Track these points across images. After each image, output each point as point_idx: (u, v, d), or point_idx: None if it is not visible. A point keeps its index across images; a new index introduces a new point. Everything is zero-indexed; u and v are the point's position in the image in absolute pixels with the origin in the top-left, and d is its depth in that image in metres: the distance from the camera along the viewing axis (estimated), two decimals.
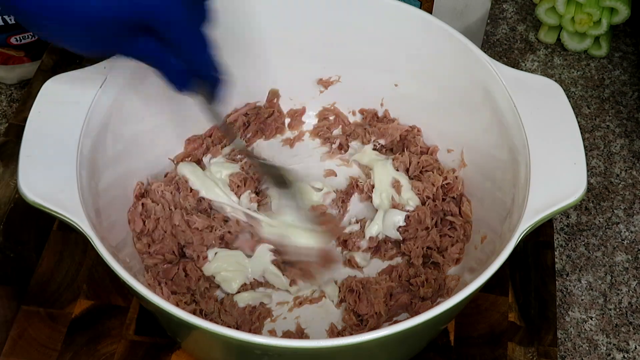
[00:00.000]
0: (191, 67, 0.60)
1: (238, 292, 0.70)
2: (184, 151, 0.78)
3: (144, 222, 0.71)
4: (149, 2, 0.54)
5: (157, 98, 0.73)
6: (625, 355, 0.73)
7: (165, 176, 0.76)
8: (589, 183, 0.81)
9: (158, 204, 0.72)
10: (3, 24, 0.84)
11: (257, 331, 0.68)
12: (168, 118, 0.76)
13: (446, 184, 0.75)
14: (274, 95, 0.82)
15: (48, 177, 0.60)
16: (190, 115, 0.78)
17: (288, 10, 0.76)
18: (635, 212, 0.83)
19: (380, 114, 0.81)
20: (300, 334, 0.69)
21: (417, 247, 0.72)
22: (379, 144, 0.80)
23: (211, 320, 0.66)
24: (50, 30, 0.55)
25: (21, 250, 0.73)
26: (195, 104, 0.65)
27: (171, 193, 0.73)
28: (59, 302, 0.70)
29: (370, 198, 0.76)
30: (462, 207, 0.73)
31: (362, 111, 0.82)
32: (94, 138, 0.65)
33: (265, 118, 0.81)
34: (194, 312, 0.67)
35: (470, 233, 0.72)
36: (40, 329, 0.69)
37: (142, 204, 0.72)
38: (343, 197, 0.77)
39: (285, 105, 0.83)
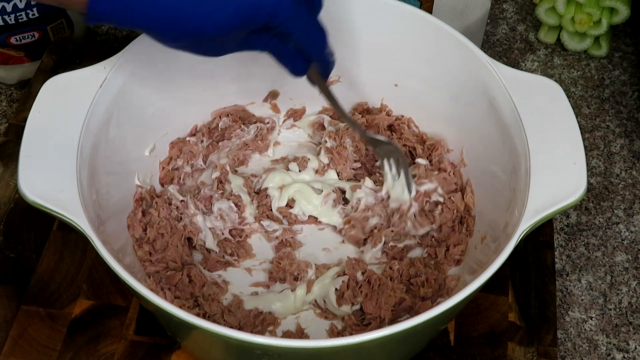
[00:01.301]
0: (309, 54, 0.65)
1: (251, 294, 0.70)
2: (168, 155, 0.77)
3: (144, 230, 0.71)
4: (268, 7, 0.58)
5: (157, 98, 0.73)
6: (625, 355, 0.73)
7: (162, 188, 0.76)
8: (589, 183, 0.81)
9: (160, 218, 0.72)
10: (3, 24, 0.84)
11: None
12: (168, 117, 0.76)
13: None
14: (274, 95, 0.82)
15: (48, 177, 0.60)
16: (188, 116, 0.79)
17: None
18: (635, 212, 0.83)
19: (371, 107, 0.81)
20: (300, 334, 0.69)
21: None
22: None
23: (213, 321, 0.66)
24: (186, 46, 0.60)
25: (21, 250, 0.73)
26: (312, 83, 0.68)
27: (170, 212, 0.73)
28: (59, 302, 0.70)
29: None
30: (466, 197, 0.73)
31: (355, 107, 0.82)
32: (94, 138, 0.65)
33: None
34: (197, 315, 0.67)
35: (473, 229, 0.72)
36: (40, 329, 0.69)
37: (142, 211, 0.72)
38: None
39: (285, 105, 0.82)
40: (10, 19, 0.84)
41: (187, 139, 0.78)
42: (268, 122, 0.81)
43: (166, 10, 0.56)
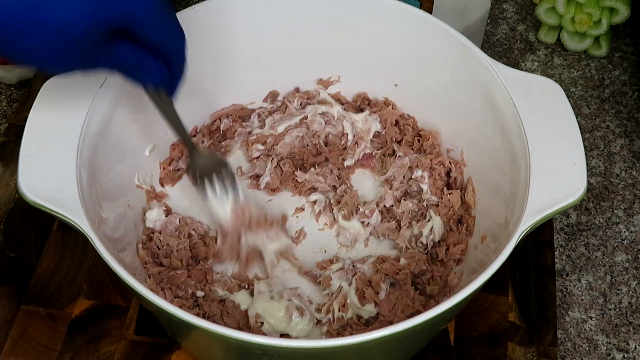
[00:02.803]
0: (168, 61, 0.59)
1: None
2: (169, 156, 0.77)
3: (150, 238, 0.72)
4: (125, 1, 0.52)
5: None
6: (625, 355, 0.73)
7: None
8: (589, 183, 0.81)
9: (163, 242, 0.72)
10: None
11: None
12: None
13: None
14: (274, 96, 0.82)
15: (48, 177, 0.60)
16: (188, 117, 0.79)
17: (288, 10, 0.76)
18: (635, 212, 0.83)
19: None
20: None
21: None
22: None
23: (213, 322, 0.66)
24: (20, 45, 0.51)
25: (21, 250, 0.73)
26: (152, 102, 0.64)
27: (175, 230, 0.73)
28: (59, 302, 0.70)
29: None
30: (467, 195, 0.73)
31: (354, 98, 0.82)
32: (94, 138, 0.65)
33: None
34: (197, 315, 0.67)
35: (472, 229, 0.72)
36: (40, 329, 0.69)
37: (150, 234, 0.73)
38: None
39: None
40: None
41: None
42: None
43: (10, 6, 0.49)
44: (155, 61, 0.58)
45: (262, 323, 0.67)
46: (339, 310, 0.68)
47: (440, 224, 0.72)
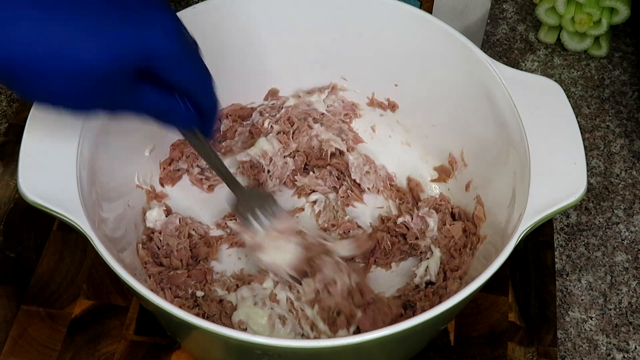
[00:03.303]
0: (196, 102, 0.58)
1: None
2: (169, 156, 0.77)
3: (150, 238, 0.72)
4: (151, 40, 0.51)
5: None
6: (625, 355, 0.73)
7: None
8: (589, 183, 0.81)
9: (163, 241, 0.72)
10: None
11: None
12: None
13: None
14: (273, 94, 0.82)
15: (48, 177, 0.60)
16: None
17: (288, 10, 0.76)
18: (635, 212, 0.83)
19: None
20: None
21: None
22: None
23: (212, 322, 0.66)
24: (39, 89, 0.50)
25: (21, 250, 0.74)
26: (192, 145, 0.64)
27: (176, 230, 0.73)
28: (59, 302, 0.70)
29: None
30: (476, 210, 0.72)
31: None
32: (93, 138, 0.65)
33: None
34: (196, 315, 0.67)
35: (477, 247, 0.70)
36: (40, 329, 0.69)
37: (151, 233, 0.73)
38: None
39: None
40: None
41: None
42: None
43: (27, 43, 0.47)
44: (182, 104, 0.57)
45: (246, 329, 0.66)
46: (324, 323, 0.68)
47: (437, 263, 0.71)
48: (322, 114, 0.80)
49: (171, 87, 0.55)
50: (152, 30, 0.51)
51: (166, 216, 0.73)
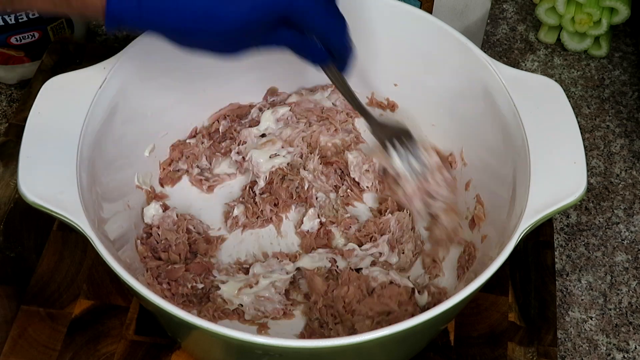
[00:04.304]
0: (329, 43, 0.64)
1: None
2: (169, 156, 0.77)
3: (149, 235, 0.72)
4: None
5: (156, 98, 0.73)
6: (625, 355, 0.73)
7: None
8: (589, 183, 0.81)
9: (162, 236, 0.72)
10: (3, 24, 0.84)
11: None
12: (168, 118, 0.76)
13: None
14: (273, 92, 0.82)
15: (48, 178, 0.60)
16: (188, 117, 0.79)
17: None
18: (635, 212, 0.83)
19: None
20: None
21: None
22: None
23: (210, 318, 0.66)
24: (202, 45, 0.60)
25: (21, 250, 0.73)
26: (328, 75, 0.67)
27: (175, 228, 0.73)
28: (59, 302, 0.70)
29: None
30: (476, 210, 0.72)
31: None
32: (94, 138, 0.65)
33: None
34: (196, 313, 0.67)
35: (475, 254, 0.70)
36: (40, 329, 0.69)
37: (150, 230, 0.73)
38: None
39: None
40: (11, 19, 0.84)
41: (188, 141, 0.78)
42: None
43: (183, 9, 0.56)
44: (314, 44, 0.63)
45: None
46: None
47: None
48: (323, 108, 0.80)
49: (306, 32, 0.62)
50: None
51: (163, 212, 0.73)
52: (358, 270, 0.71)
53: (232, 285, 0.69)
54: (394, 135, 0.72)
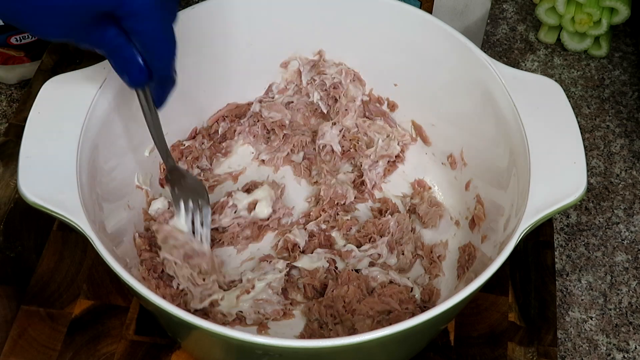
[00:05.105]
0: (152, 63, 0.59)
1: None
2: None
3: (148, 230, 0.72)
4: None
5: None
6: (625, 355, 0.73)
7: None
8: (589, 183, 0.81)
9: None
10: (3, 23, 0.84)
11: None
12: (167, 119, 0.76)
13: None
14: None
15: (48, 178, 0.60)
16: (188, 117, 0.79)
17: (287, 11, 0.76)
18: (635, 212, 0.83)
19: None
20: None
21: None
22: None
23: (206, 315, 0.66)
24: (17, 13, 0.55)
25: (21, 250, 0.73)
26: (139, 103, 0.64)
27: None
28: (59, 302, 0.70)
29: None
30: (476, 210, 0.72)
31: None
32: (93, 138, 0.65)
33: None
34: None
35: (475, 254, 0.70)
36: (40, 329, 0.69)
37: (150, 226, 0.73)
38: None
39: None
40: None
41: (187, 142, 0.78)
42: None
43: None
44: (136, 56, 0.59)
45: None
46: None
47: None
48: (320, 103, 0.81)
49: (130, 38, 0.57)
50: None
51: (168, 208, 0.73)
52: (357, 270, 0.71)
53: (230, 296, 0.69)
54: (188, 189, 0.70)
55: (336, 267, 0.72)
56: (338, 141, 0.78)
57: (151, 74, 0.60)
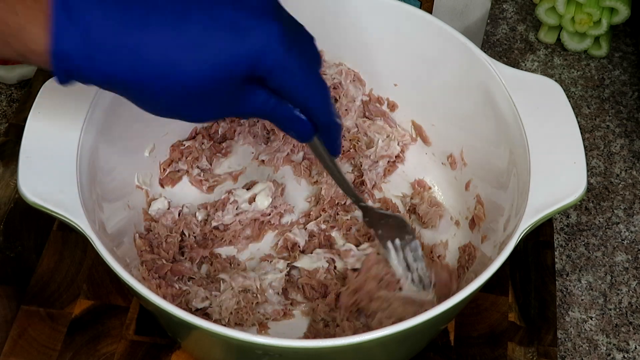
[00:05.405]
0: (311, 115, 0.56)
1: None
2: (169, 157, 0.77)
3: (149, 229, 0.72)
4: (255, 47, 0.50)
5: None
6: (625, 355, 0.73)
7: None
8: (589, 183, 0.81)
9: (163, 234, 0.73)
10: None
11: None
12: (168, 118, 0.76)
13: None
14: None
15: (48, 178, 0.60)
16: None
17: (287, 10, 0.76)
18: (635, 212, 0.83)
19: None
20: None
21: None
22: None
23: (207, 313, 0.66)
24: (161, 103, 0.52)
25: (21, 250, 0.73)
26: (314, 155, 0.63)
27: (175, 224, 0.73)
28: (59, 302, 0.70)
29: None
30: (476, 210, 0.72)
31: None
32: (94, 138, 0.65)
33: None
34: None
35: (475, 255, 0.70)
36: (40, 329, 0.69)
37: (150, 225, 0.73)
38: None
39: None
40: None
41: (187, 142, 0.78)
42: None
43: (136, 54, 0.49)
44: (295, 113, 0.56)
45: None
46: None
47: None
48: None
49: (283, 96, 0.54)
50: (256, 39, 0.50)
51: (168, 208, 0.73)
52: (355, 270, 0.71)
53: None
54: (390, 227, 0.68)
55: (335, 267, 0.72)
56: None
57: (316, 126, 0.57)
